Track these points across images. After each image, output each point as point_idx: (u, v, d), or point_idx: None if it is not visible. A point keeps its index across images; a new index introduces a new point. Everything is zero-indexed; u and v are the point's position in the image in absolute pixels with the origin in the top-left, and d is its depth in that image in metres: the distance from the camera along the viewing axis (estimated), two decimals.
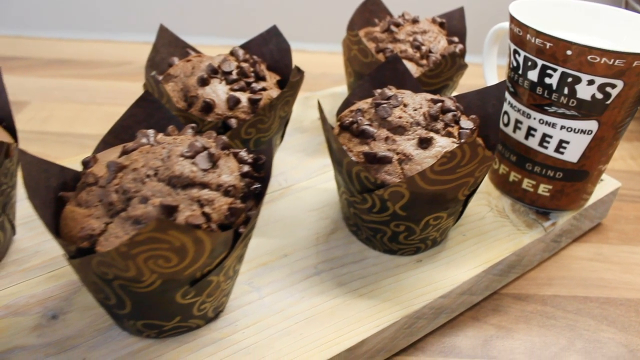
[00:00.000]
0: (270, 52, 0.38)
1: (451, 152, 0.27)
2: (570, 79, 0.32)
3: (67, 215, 0.25)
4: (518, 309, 0.36)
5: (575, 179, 0.36)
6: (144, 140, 0.26)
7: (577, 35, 0.37)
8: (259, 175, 0.26)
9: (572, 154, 0.35)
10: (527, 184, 0.38)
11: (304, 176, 0.41)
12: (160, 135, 0.26)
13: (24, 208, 0.37)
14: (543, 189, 0.37)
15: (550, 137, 0.35)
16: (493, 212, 0.38)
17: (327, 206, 0.38)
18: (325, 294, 0.31)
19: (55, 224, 0.26)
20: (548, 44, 0.32)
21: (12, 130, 0.30)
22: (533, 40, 0.33)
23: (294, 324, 0.29)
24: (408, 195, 0.29)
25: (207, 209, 0.24)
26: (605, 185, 0.41)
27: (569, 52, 0.31)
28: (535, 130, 0.35)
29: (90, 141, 0.52)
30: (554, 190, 0.37)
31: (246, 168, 0.26)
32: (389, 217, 0.31)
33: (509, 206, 0.39)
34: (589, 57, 0.31)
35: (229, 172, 0.25)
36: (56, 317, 0.29)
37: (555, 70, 0.33)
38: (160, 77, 0.36)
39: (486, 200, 0.39)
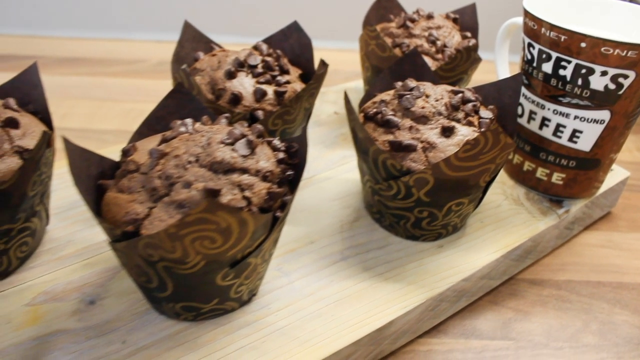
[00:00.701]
0: (290, 46, 0.40)
1: (475, 139, 0.29)
2: (584, 70, 0.34)
3: (110, 201, 0.26)
4: (534, 293, 0.37)
5: (587, 167, 0.38)
6: (182, 129, 0.27)
7: (588, 29, 0.38)
8: (292, 162, 0.28)
9: (585, 143, 0.36)
10: (541, 172, 0.39)
11: (325, 167, 0.42)
12: (197, 124, 0.27)
13: (56, 199, 0.38)
14: (557, 178, 0.38)
15: (564, 126, 0.36)
16: (508, 200, 0.39)
17: (349, 196, 0.39)
18: (353, 278, 0.32)
19: (96, 210, 0.27)
20: (562, 37, 0.33)
21: (48, 123, 0.31)
22: (547, 34, 0.34)
23: (324, 306, 0.30)
24: (432, 181, 0.31)
25: (247, 193, 0.25)
26: (615, 175, 0.43)
27: (583, 45, 0.33)
28: (549, 120, 0.37)
29: (110, 136, 0.53)
30: (567, 178, 0.38)
31: (281, 155, 0.27)
32: (413, 203, 0.32)
33: (523, 195, 0.40)
34: (602, 49, 0.32)
35: (266, 159, 0.26)
36: (94, 302, 0.30)
37: (569, 62, 0.34)
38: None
39: (501, 189, 0.41)
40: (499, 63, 0.44)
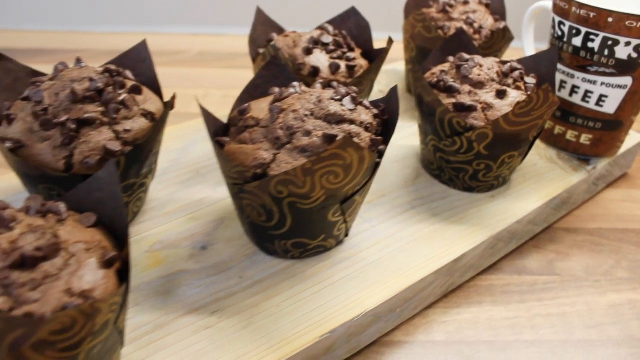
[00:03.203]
0: (349, 29, 0.45)
1: (529, 97, 0.34)
2: (610, 42, 0.39)
3: (235, 151, 0.30)
4: (570, 238, 0.43)
5: (611, 128, 0.43)
6: (291, 90, 0.31)
7: (612, 5, 0.44)
8: (383, 118, 0.32)
9: (610, 106, 0.42)
10: (570, 135, 0.45)
11: None
12: (303, 87, 0.32)
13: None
14: (584, 139, 0.44)
15: (592, 92, 0.42)
16: (543, 160, 0.45)
17: (407, 158, 0.44)
18: (424, 222, 0.37)
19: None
20: (592, 14, 0.39)
21: (157, 92, 0.36)
22: (578, 12, 0.40)
23: (405, 244, 0.35)
24: (492, 135, 0.36)
25: (356, 140, 0.29)
26: (631, 139, 0.48)
27: (610, 20, 0.39)
28: (578, 88, 0.42)
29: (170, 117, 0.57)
30: (594, 139, 0.44)
31: (375, 111, 0.32)
32: (473, 156, 0.37)
33: (555, 155, 0.46)
34: (627, 23, 0.38)
35: (365, 113, 0.31)
36: (205, 248, 0.34)
37: (597, 35, 0.40)
38: (261, 51, 0.41)
39: (536, 151, 0.46)
40: (525, 41, 0.50)
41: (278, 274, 0.32)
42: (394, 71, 0.59)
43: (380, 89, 0.55)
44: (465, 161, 0.38)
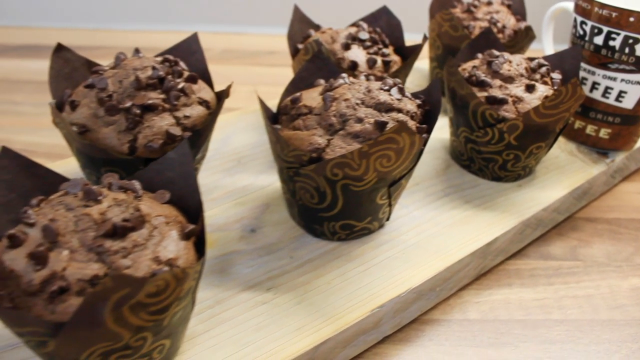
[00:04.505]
0: (380, 27, 0.47)
1: (558, 90, 0.36)
2: (631, 40, 0.42)
3: (290, 137, 0.32)
4: (591, 227, 0.45)
5: (630, 123, 0.46)
6: (341, 81, 0.33)
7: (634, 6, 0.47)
8: (425, 108, 0.34)
9: (629, 102, 0.44)
10: (590, 129, 0.47)
11: None
12: (351, 78, 0.34)
13: None
14: (604, 133, 0.46)
15: (612, 89, 0.44)
16: (564, 153, 0.47)
17: (437, 150, 0.46)
18: (457, 209, 0.39)
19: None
20: (614, 14, 0.42)
21: (208, 82, 0.37)
22: (600, 12, 0.42)
23: (441, 228, 0.37)
24: (522, 127, 0.38)
25: None
26: None
27: (631, 19, 0.41)
28: (599, 84, 0.45)
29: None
30: (612, 133, 0.46)
31: (418, 101, 0.34)
32: (504, 147, 0.39)
33: (575, 148, 0.48)
34: None
35: (410, 103, 0.33)
36: (254, 230, 0.36)
37: (618, 34, 0.42)
38: (300, 46, 0.43)
39: (556, 144, 0.48)
40: (545, 41, 0.52)
41: (326, 254, 0.34)
42: (417, 69, 0.61)
43: (406, 85, 0.57)
44: (496, 151, 0.40)
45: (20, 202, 0.27)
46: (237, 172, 0.41)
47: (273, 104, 0.53)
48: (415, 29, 0.68)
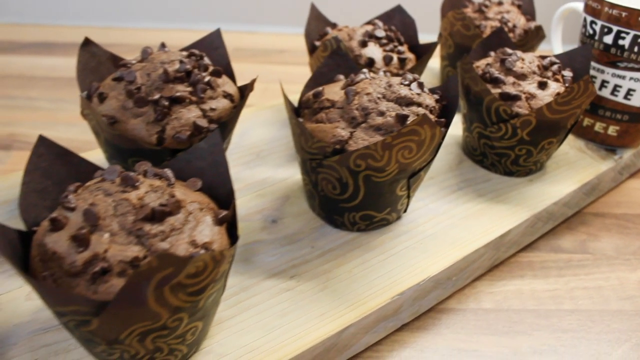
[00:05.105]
0: (395, 26, 0.48)
1: (571, 87, 0.37)
2: None
3: (313, 129, 0.33)
4: (599, 222, 0.46)
5: (637, 120, 0.47)
6: (362, 76, 0.34)
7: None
8: (442, 103, 0.35)
9: (637, 100, 0.46)
10: (598, 126, 0.48)
11: None
12: (371, 73, 0.35)
13: None
14: (612, 130, 0.48)
15: (620, 87, 0.45)
16: (573, 149, 0.48)
17: (449, 146, 0.47)
18: (471, 202, 0.40)
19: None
20: (623, 13, 0.43)
21: (231, 77, 0.38)
22: (610, 11, 0.44)
23: (457, 220, 0.38)
24: (535, 122, 0.39)
25: None
26: None
27: None
28: (607, 82, 0.46)
29: None
30: (620, 130, 0.47)
31: (436, 97, 0.35)
32: (516, 142, 0.41)
33: (583, 145, 0.49)
34: None
35: (429, 98, 0.34)
36: (275, 221, 0.37)
37: (628, 33, 0.43)
38: (318, 43, 0.44)
39: (566, 141, 0.49)
40: (554, 41, 0.53)
41: (346, 244, 0.35)
42: (427, 67, 0.62)
43: None
44: (509, 146, 0.41)
45: (55, 189, 0.28)
46: (257, 165, 0.42)
47: (283, 102, 0.54)
48: (424, 29, 0.69)
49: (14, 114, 0.58)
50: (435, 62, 0.64)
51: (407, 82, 0.33)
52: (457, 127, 0.50)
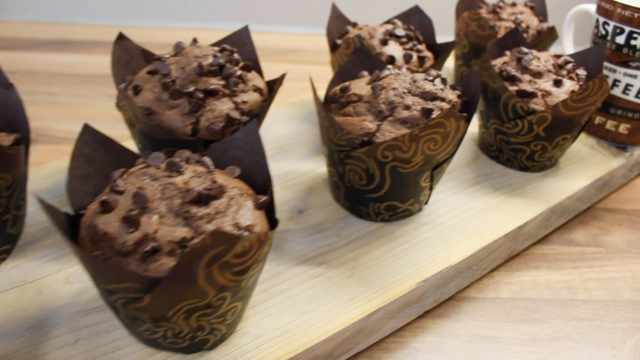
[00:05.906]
0: (413, 25, 0.49)
1: (586, 85, 0.39)
2: None
3: (341, 122, 0.34)
4: (610, 217, 0.48)
5: None
6: (387, 72, 0.36)
7: None
8: (463, 99, 0.37)
9: None
10: (610, 125, 0.49)
11: None
12: (396, 69, 0.36)
13: None
14: (623, 128, 0.49)
15: (632, 85, 0.47)
16: (585, 147, 0.50)
17: (466, 142, 0.48)
18: (489, 195, 0.42)
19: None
20: (636, 14, 0.44)
21: (259, 72, 0.40)
22: (622, 12, 0.45)
23: (476, 212, 0.39)
24: (550, 119, 0.40)
25: None
26: None
27: None
28: (619, 81, 0.47)
29: None
30: (631, 128, 0.49)
31: (458, 92, 0.36)
32: (532, 138, 0.42)
33: (595, 143, 0.51)
34: None
35: (451, 93, 0.35)
36: (302, 211, 0.38)
37: None
38: (339, 41, 0.46)
39: (578, 139, 0.51)
40: (565, 41, 0.55)
41: (371, 234, 0.37)
42: (444, 66, 0.64)
43: None
44: (525, 142, 0.43)
45: (97, 175, 0.30)
46: (281, 158, 0.44)
47: (302, 98, 0.55)
48: (438, 31, 0.71)
49: (37, 108, 0.59)
50: (449, 62, 0.66)
51: (431, 78, 0.35)
52: (473, 124, 0.51)
